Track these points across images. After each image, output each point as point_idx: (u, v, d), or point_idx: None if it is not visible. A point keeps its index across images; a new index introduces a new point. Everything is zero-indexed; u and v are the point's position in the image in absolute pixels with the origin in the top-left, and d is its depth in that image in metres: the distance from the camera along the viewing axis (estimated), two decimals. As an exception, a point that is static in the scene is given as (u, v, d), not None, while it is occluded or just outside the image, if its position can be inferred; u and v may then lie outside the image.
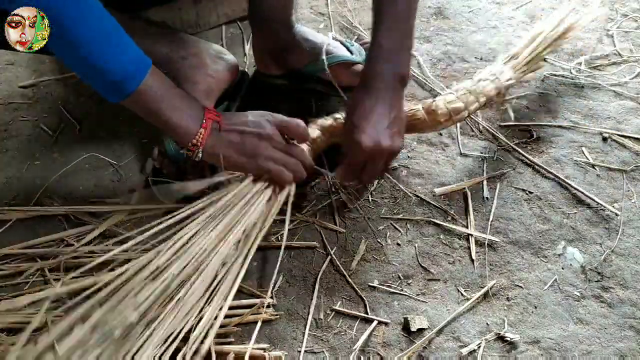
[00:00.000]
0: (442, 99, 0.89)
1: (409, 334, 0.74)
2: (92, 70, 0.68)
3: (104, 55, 0.67)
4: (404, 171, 0.94)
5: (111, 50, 0.67)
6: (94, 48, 0.66)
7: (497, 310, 0.77)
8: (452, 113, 0.88)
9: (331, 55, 0.99)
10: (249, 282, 0.79)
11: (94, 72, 0.68)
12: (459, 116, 0.89)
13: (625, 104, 1.04)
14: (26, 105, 1.07)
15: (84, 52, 0.65)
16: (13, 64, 1.16)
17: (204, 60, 0.94)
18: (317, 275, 0.80)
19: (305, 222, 0.87)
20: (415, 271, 0.81)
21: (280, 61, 1.03)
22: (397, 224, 0.87)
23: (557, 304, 0.77)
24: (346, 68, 0.99)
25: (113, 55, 0.67)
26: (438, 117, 0.88)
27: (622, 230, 0.85)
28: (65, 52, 0.67)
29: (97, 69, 0.67)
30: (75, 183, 0.93)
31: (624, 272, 0.80)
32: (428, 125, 0.89)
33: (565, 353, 0.72)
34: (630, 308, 0.77)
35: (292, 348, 0.73)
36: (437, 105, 0.88)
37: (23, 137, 1.01)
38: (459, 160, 0.96)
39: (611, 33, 1.19)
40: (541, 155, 0.96)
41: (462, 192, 0.91)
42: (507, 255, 0.83)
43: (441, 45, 1.19)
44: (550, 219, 0.87)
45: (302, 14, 1.28)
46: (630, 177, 0.92)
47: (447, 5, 1.29)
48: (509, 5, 1.29)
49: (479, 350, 0.72)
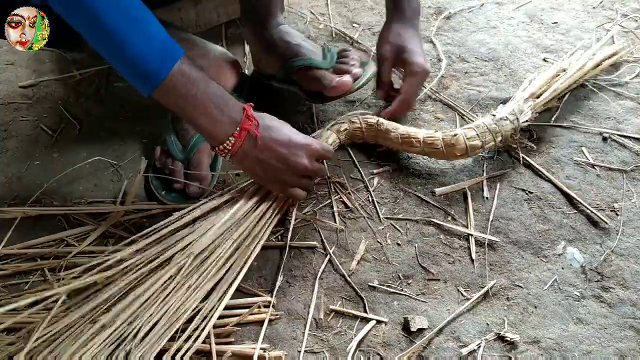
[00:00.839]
0: (462, 134, 0.89)
1: (408, 334, 0.74)
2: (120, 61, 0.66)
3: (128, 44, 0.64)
4: (404, 171, 0.94)
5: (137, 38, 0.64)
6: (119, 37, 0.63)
7: (497, 310, 0.77)
8: (469, 149, 0.89)
9: (297, 59, 0.98)
10: (249, 282, 0.79)
11: (122, 62, 0.66)
12: (474, 152, 0.90)
13: (625, 104, 1.04)
14: (26, 105, 1.07)
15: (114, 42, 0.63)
16: (13, 64, 1.16)
17: (210, 62, 0.94)
18: (317, 275, 0.80)
19: (306, 221, 0.87)
20: (415, 271, 0.81)
21: (267, 61, 1.03)
22: (397, 224, 0.87)
23: (557, 304, 0.77)
24: (308, 71, 0.97)
25: (137, 44, 0.64)
26: (455, 150, 0.89)
27: (622, 230, 0.85)
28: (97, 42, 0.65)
29: (124, 58, 0.65)
30: (75, 183, 0.93)
31: (624, 272, 0.80)
32: (442, 155, 0.90)
33: (565, 353, 0.72)
34: (630, 308, 0.77)
35: (292, 348, 0.73)
36: (458, 140, 0.89)
37: (23, 137, 1.01)
38: (459, 160, 0.96)
39: (611, 33, 1.19)
40: (541, 155, 0.96)
41: (462, 192, 0.91)
42: (507, 255, 0.83)
43: (441, 45, 1.19)
44: (550, 219, 0.87)
45: (303, 14, 1.28)
46: (630, 177, 0.92)
47: (447, 5, 1.29)
48: (509, 5, 1.29)
49: (479, 350, 0.72)
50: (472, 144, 0.89)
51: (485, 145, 0.90)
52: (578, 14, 1.26)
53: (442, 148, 0.89)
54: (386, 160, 0.96)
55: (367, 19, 1.26)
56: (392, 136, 0.92)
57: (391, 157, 0.96)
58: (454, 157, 0.90)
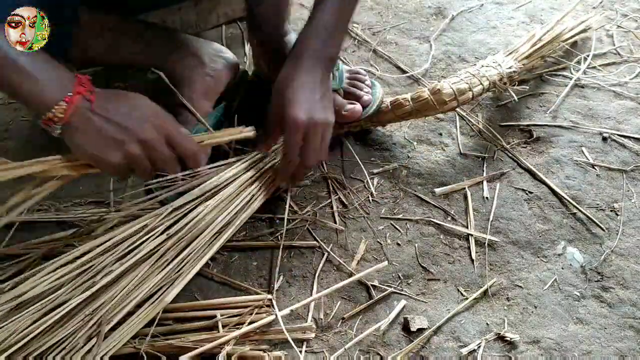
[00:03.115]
0: (447, 81, 0.92)
1: (408, 334, 0.74)
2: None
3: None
4: (404, 171, 0.94)
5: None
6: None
7: (497, 310, 0.77)
8: (456, 93, 0.90)
9: None
10: (249, 282, 0.79)
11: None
12: (464, 97, 0.91)
13: (625, 104, 1.04)
14: (26, 105, 1.07)
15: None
16: (13, 64, 1.16)
17: (202, 60, 0.93)
18: (317, 275, 0.80)
19: (305, 221, 0.87)
20: (415, 271, 0.81)
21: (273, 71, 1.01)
22: (397, 224, 0.87)
23: (557, 304, 0.77)
24: None
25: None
26: (443, 96, 0.89)
27: (622, 230, 0.85)
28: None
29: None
30: (75, 183, 0.93)
31: (624, 272, 0.80)
32: (433, 107, 0.91)
33: (565, 353, 0.72)
34: (630, 308, 0.77)
35: (292, 348, 0.73)
36: (442, 86, 0.90)
37: (23, 137, 1.01)
38: (459, 160, 0.96)
39: (611, 33, 1.19)
40: (541, 155, 0.96)
41: (462, 192, 0.91)
42: (507, 255, 0.83)
43: (441, 45, 1.19)
44: (550, 219, 0.87)
45: (303, 14, 1.28)
46: (630, 177, 0.92)
47: (447, 5, 1.29)
48: (509, 5, 1.29)
49: (479, 350, 0.72)
50: (458, 87, 0.90)
51: (473, 88, 0.91)
52: (578, 14, 1.26)
53: (429, 97, 0.90)
54: (386, 160, 0.96)
55: (367, 19, 1.26)
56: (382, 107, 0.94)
57: (391, 157, 0.96)
58: (443, 104, 0.90)
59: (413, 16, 1.27)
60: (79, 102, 0.64)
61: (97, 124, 0.65)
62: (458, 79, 0.93)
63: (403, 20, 1.25)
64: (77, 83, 0.64)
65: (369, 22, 1.26)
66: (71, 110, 0.64)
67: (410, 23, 1.25)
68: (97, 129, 0.65)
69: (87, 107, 0.65)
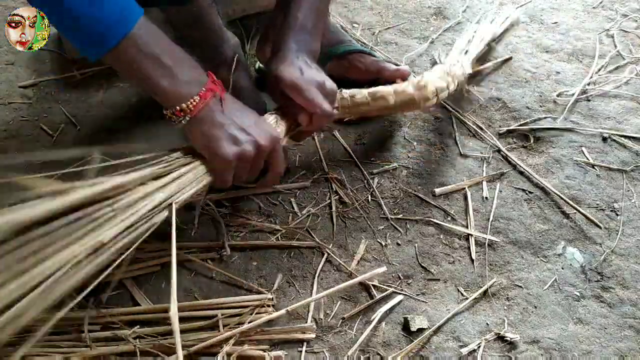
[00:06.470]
0: (428, 75, 0.91)
1: (409, 334, 0.74)
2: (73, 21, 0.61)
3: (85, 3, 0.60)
4: (404, 171, 0.94)
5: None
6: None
7: (497, 310, 0.77)
8: (438, 90, 0.89)
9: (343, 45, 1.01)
10: (249, 282, 0.79)
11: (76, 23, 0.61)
12: (442, 95, 0.90)
13: (625, 104, 1.04)
14: (26, 105, 1.07)
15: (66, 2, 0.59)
16: (13, 64, 1.16)
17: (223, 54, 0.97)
18: (317, 275, 0.80)
19: (305, 221, 0.87)
20: (415, 271, 0.81)
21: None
22: (397, 224, 0.87)
23: (557, 304, 0.77)
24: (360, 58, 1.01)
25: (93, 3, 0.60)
26: (427, 93, 0.88)
27: (622, 230, 0.85)
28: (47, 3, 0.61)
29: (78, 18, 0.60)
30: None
31: (624, 272, 0.80)
32: (415, 103, 0.88)
33: (565, 353, 0.72)
34: (630, 308, 0.77)
35: (292, 348, 0.73)
36: (427, 82, 0.88)
37: (23, 137, 1.01)
38: (459, 160, 0.96)
39: (611, 33, 1.19)
40: (541, 155, 0.96)
41: (462, 192, 0.91)
42: (507, 255, 0.83)
43: (441, 45, 1.19)
44: (550, 219, 0.87)
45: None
46: (630, 177, 0.92)
47: (447, 5, 1.29)
48: (509, 6, 1.29)
49: (479, 350, 0.72)
50: (438, 85, 0.89)
51: (449, 87, 0.92)
52: (578, 14, 1.26)
53: (414, 93, 0.87)
54: (386, 160, 0.96)
55: (367, 19, 1.26)
56: (358, 99, 0.87)
57: (391, 157, 0.96)
58: (426, 100, 0.88)
59: (413, 16, 1.27)
60: (211, 98, 0.69)
61: (223, 120, 0.70)
62: (436, 75, 0.91)
63: (403, 20, 1.25)
64: (210, 81, 0.70)
65: (369, 22, 1.26)
66: (203, 104, 0.68)
67: (410, 23, 1.25)
68: (222, 124, 0.70)
69: (217, 104, 0.70)
